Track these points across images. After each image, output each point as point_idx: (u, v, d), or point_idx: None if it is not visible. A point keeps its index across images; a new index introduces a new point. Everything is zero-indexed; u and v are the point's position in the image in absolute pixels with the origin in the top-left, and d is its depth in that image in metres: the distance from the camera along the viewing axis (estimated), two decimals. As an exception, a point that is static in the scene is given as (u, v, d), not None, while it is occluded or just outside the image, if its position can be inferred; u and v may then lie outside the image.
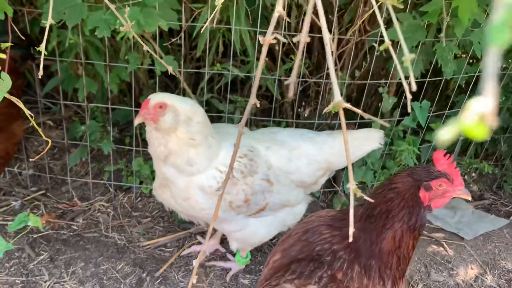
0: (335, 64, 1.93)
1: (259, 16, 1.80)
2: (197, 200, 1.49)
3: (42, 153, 1.36)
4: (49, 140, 1.23)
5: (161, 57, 1.84)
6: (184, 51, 1.95)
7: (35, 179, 2.21)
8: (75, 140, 2.17)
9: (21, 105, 1.05)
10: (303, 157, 1.58)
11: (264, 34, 1.96)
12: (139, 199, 2.19)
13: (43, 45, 0.98)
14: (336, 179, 2.27)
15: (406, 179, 1.17)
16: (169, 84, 2.40)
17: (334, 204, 2.21)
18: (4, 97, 1.00)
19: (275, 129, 1.70)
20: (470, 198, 1.18)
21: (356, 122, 2.09)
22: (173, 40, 1.80)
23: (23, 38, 1.47)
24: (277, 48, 2.10)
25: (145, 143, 2.23)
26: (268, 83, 2.12)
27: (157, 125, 1.39)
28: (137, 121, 1.39)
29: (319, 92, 2.13)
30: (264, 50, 0.69)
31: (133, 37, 1.74)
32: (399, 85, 2.09)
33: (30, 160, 2.12)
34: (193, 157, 1.44)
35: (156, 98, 1.38)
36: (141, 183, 2.20)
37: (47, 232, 1.94)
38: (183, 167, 1.46)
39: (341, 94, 2.07)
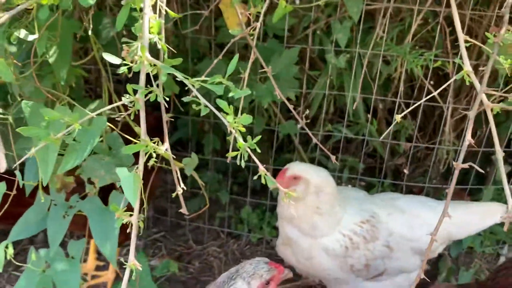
0: (449, 132, 1.97)
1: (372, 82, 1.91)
2: (320, 261, 1.59)
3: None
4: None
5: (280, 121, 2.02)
6: (301, 114, 2.10)
7: (155, 221, 2.44)
8: (194, 187, 2.38)
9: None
10: (424, 226, 1.62)
11: (379, 101, 2.03)
12: (247, 246, 2.33)
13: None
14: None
15: None
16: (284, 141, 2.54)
17: (440, 268, 2.19)
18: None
19: (394, 194, 1.77)
20: None
21: (467, 188, 2.09)
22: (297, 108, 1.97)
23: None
24: (380, 106, 2.19)
25: (253, 193, 2.42)
26: (377, 145, 2.20)
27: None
28: (271, 187, 1.54)
29: (427, 155, 2.17)
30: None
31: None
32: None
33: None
34: (317, 223, 1.56)
35: (292, 169, 1.53)
36: (249, 231, 2.35)
37: (168, 274, 2.13)
38: (307, 231, 1.58)
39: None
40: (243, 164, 0.83)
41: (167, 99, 0.97)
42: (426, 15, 1.87)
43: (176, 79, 0.86)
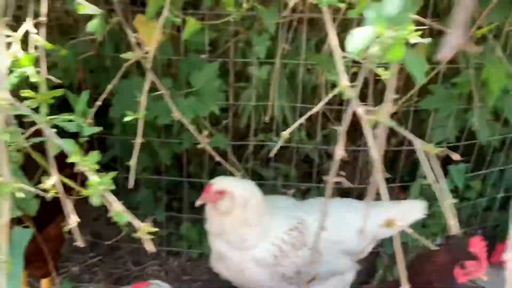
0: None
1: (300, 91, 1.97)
2: (252, 273, 1.60)
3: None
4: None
5: (212, 135, 2.02)
6: (230, 124, 2.11)
7: (91, 245, 2.36)
8: (129, 207, 2.32)
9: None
10: (351, 227, 1.67)
11: (304, 109, 2.08)
12: (188, 262, 2.30)
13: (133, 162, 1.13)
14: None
15: (445, 255, 1.30)
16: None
17: (377, 266, 2.26)
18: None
19: (322, 199, 1.80)
20: (485, 279, 1.32)
21: (395, 186, 2.18)
22: (225, 121, 1.98)
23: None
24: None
25: (192, 208, 2.39)
26: (309, 151, 2.25)
27: (215, 206, 1.54)
28: (198, 203, 1.54)
29: (356, 158, 2.24)
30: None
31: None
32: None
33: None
34: (246, 235, 1.57)
35: (217, 184, 1.54)
36: (189, 247, 2.32)
37: (107, 299, 2.06)
38: (236, 244, 1.59)
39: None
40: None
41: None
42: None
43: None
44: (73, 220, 0.90)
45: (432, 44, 1.92)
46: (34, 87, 0.98)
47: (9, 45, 0.87)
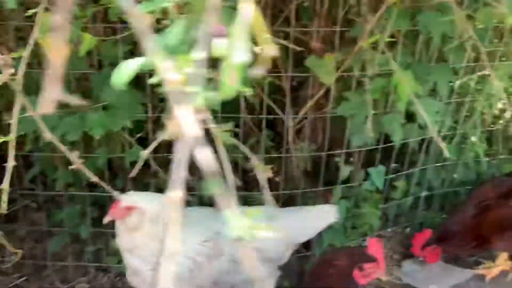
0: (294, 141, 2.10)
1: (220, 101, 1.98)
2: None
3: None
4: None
5: (131, 147, 2.00)
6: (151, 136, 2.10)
7: (17, 265, 2.28)
8: (55, 224, 2.26)
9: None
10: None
11: (225, 118, 2.08)
12: (118, 278, 2.26)
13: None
14: (310, 243, 2.37)
15: (345, 259, 1.36)
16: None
17: (306, 269, 2.30)
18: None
19: (240, 208, 1.83)
20: (385, 279, 1.39)
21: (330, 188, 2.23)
22: (139, 134, 1.97)
23: None
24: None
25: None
26: (239, 159, 2.27)
27: (123, 222, 1.52)
28: (106, 219, 1.52)
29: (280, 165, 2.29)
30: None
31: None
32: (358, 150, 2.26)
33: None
34: (158, 250, 1.56)
35: (125, 200, 1.52)
36: (119, 262, 2.28)
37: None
38: (148, 259, 1.57)
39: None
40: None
41: None
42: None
43: None
44: None
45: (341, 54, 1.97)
46: None
47: None
